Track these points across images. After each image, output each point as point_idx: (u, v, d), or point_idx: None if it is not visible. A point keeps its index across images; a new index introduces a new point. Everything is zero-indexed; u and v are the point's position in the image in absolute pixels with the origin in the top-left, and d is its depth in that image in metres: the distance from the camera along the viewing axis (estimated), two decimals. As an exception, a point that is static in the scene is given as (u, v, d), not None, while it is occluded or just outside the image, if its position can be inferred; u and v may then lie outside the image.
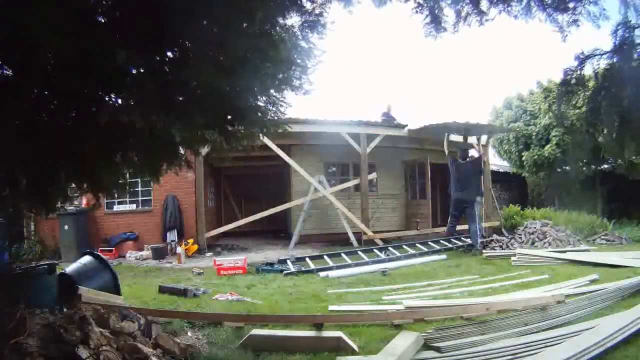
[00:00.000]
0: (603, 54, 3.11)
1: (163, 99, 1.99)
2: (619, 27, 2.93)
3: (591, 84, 3.39)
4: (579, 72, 3.27)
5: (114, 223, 8.22)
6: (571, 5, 2.76)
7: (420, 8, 2.89)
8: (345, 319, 3.25)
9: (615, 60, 3.08)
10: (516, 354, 2.37)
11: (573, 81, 3.30)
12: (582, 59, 3.22)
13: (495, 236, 8.38)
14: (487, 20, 2.93)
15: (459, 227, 9.53)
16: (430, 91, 46.40)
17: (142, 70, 1.98)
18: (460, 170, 7.72)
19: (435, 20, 2.91)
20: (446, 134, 8.61)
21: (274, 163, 9.33)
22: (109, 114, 1.83)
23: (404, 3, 2.88)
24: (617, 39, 2.98)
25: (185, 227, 8.19)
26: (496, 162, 14.66)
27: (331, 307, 3.66)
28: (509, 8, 2.87)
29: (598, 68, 3.22)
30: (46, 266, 2.87)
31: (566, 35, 2.86)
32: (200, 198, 7.90)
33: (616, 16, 2.98)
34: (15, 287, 2.21)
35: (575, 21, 2.81)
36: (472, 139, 10.00)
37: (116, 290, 3.29)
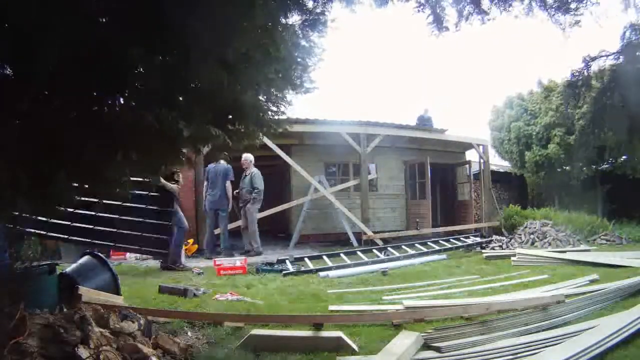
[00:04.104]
0: (609, 55, 3.12)
1: (166, 96, 1.99)
2: (626, 29, 2.94)
3: (596, 84, 3.39)
4: (585, 74, 3.28)
5: (114, 223, 8.21)
6: (573, 5, 2.77)
7: (422, 7, 2.90)
8: (345, 319, 3.25)
9: (621, 61, 3.09)
10: (516, 354, 2.37)
11: (580, 83, 3.31)
12: (589, 61, 3.23)
13: (495, 236, 8.39)
14: (488, 19, 2.94)
15: (457, 228, 9.55)
16: (431, 91, 46.42)
17: (145, 68, 1.98)
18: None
19: (438, 20, 2.93)
20: None
21: (274, 163, 9.34)
22: (115, 112, 1.83)
23: (405, 2, 2.89)
24: (624, 40, 2.98)
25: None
26: (496, 162, 14.67)
27: (331, 307, 3.66)
28: (510, 8, 2.88)
29: (604, 69, 3.22)
30: (46, 266, 2.87)
31: (568, 37, 2.87)
32: (201, 198, 7.89)
33: (617, 15, 2.99)
34: (15, 287, 2.21)
35: (577, 22, 2.82)
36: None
37: (116, 290, 3.29)
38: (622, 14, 3.08)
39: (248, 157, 7.26)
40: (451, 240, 8.19)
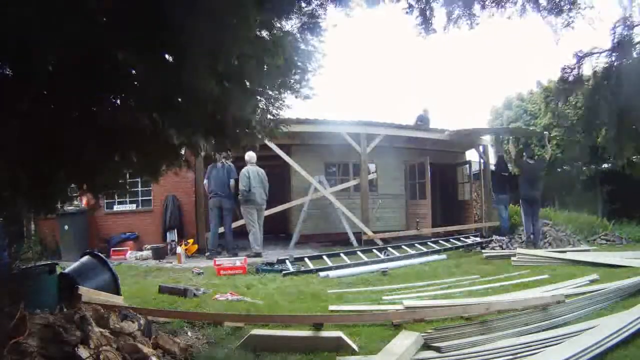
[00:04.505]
0: (602, 52, 3.11)
1: (162, 100, 1.99)
2: (617, 25, 2.93)
3: (589, 82, 3.38)
4: (577, 71, 3.27)
5: (114, 223, 8.22)
6: (565, 8, 2.76)
7: (410, 9, 2.90)
8: (345, 319, 3.25)
9: (613, 58, 3.07)
10: (516, 354, 2.37)
11: (571, 79, 3.30)
12: (581, 57, 3.22)
13: (495, 236, 8.39)
14: (477, 24, 2.94)
15: (457, 228, 9.55)
16: (430, 90, 46.43)
17: (141, 72, 1.98)
18: (529, 169, 7.70)
19: (426, 22, 2.92)
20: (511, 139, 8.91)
21: (274, 163, 9.34)
22: (110, 114, 1.83)
23: (396, 3, 2.89)
24: (616, 36, 2.97)
25: (185, 227, 8.19)
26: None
27: (331, 307, 3.66)
28: (502, 10, 2.87)
29: (597, 66, 3.21)
30: (46, 266, 2.88)
31: (559, 39, 2.87)
32: (201, 198, 7.90)
33: (612, 15, 2.98)
34: (15, 287, 2.21)
35: (569, 24, 2.81)
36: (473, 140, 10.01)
37: (116, 290, 3.29)
38: (616, 15, 3.06)
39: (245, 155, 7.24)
40: (451, 240, 8.18)
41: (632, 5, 2.97)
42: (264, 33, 2.14)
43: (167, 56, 2.11)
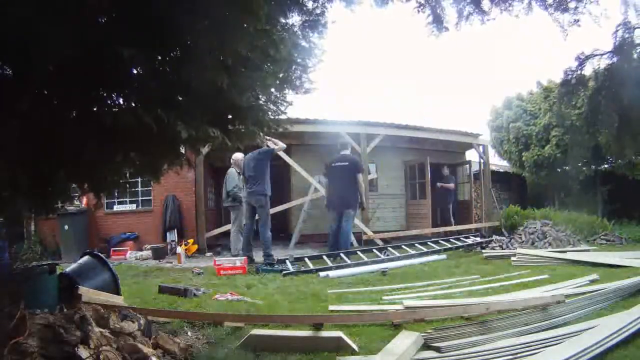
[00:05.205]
0: (603, 54, 3.13)
1: (165, 98, 1.99)
2: (619, 28, 2.95)
3: (591, 84, 3.39)
4: (579, 72, 3.28)
5: (114, 223, 8.23)
6: (572, 5, 2.78)
7: (421, 7, 2.90)
8: (345, 319, 3.25)
9: (615, 60, 3.09)
10: (516, 354, 2.36)
11: (573, 81, 3.31)
12: (583, 59, 3.23)
13: (495, 236, 8.39)
14: (488, 19, 2.94)
15: (457, 228, 9.57)
16: (430, 91, 46.44)
17: (144, 69, 1.98)
18: None
19: (437, 20, 2.92)
20: None
21: (274, 163, 9.33)
22: (112, 113, 1.83)
23: (405, 3, 2.89)
24: (617, 39, 2.99)
25: (185, 227, 8.19)
26: (496, 162, 14.68)
27: (331, 307, 3.66)
28: (511, 8, 2.88)
29: (598, 68, 3.22)
30: (46, 266, 2.87)
31: (567, 35, 2.87)
32: (201, 198, 7.91)
33: (617, 15, 2.99)
34: (15, 287, 2.21)
35: (576, 21, 2.83)
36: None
37: (116, 290, 3.29)
38: (621, 15, 3.07)
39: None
40: (451, 240, 8.18)
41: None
42: (268, 27, 2.14)
43: (171, 53, 2.11)
